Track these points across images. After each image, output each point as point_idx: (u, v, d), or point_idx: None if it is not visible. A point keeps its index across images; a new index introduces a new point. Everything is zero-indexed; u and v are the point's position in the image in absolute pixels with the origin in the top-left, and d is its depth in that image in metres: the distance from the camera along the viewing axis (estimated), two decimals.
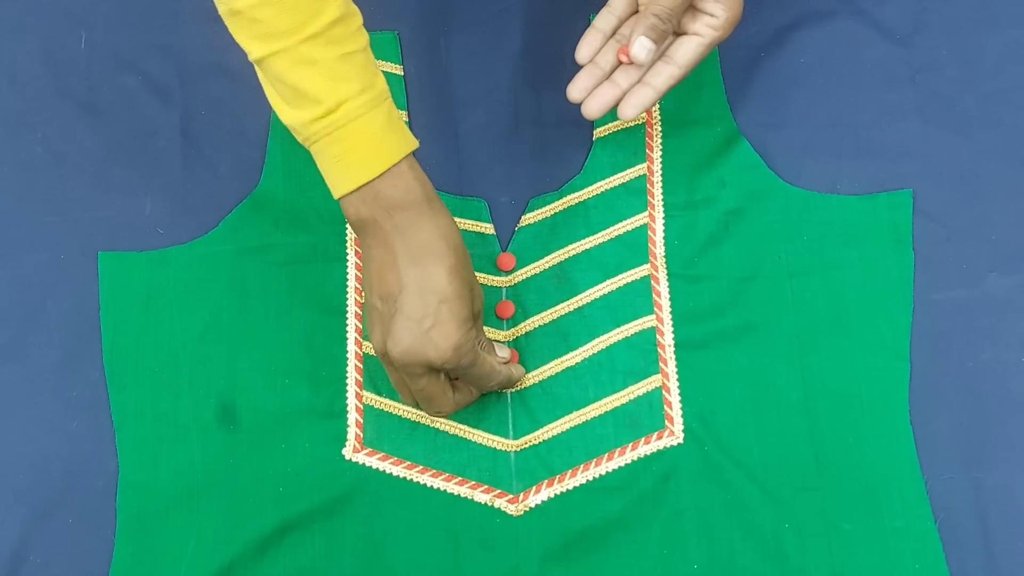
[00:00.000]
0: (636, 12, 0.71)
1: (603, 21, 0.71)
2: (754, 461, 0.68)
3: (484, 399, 0.70)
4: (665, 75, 0.69)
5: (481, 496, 0.68)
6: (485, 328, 0.71)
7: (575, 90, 0.70)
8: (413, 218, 0.63)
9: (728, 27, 0.68)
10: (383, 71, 0.78)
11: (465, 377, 0.66)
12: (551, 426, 0.70)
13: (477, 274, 0.73)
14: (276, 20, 0.60)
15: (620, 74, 0.70)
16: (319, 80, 0.61)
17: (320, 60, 0.61)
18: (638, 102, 0.69)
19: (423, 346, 0.62)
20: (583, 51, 0.71)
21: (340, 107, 0.61)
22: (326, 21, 0.61)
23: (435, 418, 0.69)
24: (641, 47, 0.67)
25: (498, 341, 0.71)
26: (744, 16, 0.69)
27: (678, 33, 0.69)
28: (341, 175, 0.63)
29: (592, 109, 0.70)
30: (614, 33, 0.71)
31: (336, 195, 0.63)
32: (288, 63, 0.61)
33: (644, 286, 0.72)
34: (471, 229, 0.74)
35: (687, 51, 0.69)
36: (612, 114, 0.76)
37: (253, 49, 0.62)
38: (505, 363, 0.69)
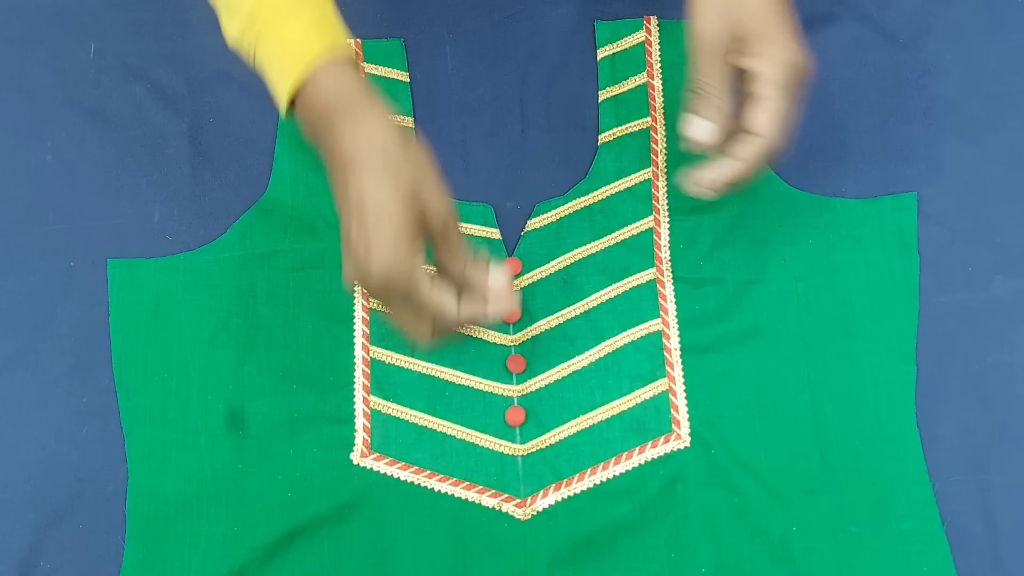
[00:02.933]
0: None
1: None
2: (761, 464, 0.68)
3: (489, 402, 0.70)
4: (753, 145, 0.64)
5: (489, 500, 0.68)
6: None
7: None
8: (339, 125, 0.57)
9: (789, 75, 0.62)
10: (389, 78, 0.79)
11: (401, 312, 0.59)
12: (558, 430, 0.70)
13: None
14: None
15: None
16: None
17: None
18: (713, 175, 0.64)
19: (353, 267, 0.57)
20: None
21: (260, 3, 0.57)
22: None
23: (444, 426, 0.67)
24: (693, 125, 0.64)
25: (497, 263, 0.62)
26: None
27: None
28: (276, 90, 0.58)
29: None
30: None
31: (282, 115, 0.60)
32: None
33: (650, 290, 0.72)
34: (477, 234, 0.74)
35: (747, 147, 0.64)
36: (616, 119, 0.77)
37: None
38: (499, 293, 0.61)
